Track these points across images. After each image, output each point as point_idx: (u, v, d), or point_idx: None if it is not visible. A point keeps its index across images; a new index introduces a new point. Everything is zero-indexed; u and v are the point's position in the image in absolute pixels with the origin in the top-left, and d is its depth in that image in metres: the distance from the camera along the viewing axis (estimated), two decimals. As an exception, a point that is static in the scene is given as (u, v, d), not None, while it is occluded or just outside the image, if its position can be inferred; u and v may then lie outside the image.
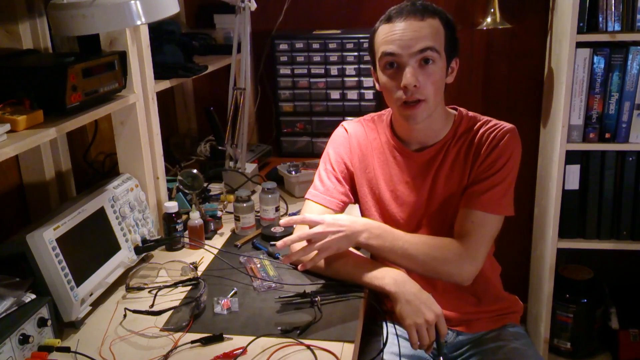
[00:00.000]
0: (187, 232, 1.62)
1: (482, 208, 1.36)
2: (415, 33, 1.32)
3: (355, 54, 2.25)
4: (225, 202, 1.84)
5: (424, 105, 1.35)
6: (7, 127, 1.11)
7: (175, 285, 1.40)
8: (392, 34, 1.34)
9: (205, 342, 1.17)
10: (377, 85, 1.45)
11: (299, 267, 1.35)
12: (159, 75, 1.68)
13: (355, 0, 2.42)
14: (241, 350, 1.14)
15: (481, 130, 1.42)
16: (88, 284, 1.27)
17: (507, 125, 1.42)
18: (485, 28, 2.26)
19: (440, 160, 1.43)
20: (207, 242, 1.63)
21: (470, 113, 1.48)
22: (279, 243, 1.32)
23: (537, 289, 2.37)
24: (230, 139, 1.96)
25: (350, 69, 2.28)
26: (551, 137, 2.19)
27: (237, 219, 1.67)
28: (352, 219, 1.36)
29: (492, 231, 1.37)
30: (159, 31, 1.81)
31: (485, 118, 1.45)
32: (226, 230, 1.72)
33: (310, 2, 2.44)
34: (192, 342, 1.18)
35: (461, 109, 1.48)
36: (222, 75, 2.24)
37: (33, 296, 1.17)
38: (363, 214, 1.54)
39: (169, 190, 1.75)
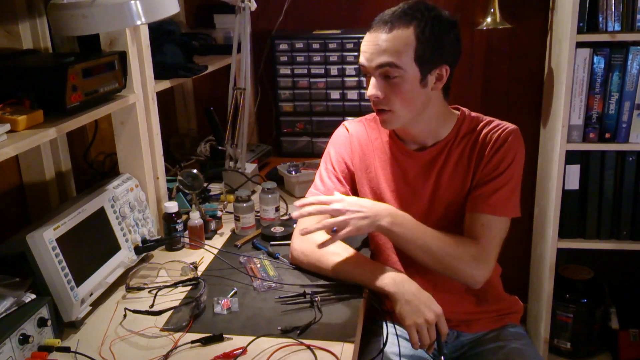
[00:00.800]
0: (187, 232, 1.62)
1: (490, 211, 1.36)
2: (376, 47, 1.32)
3: (355, 54, 2.25)
4: (225, 202, 1.84)
5: (391, 114, 1.36)
6: (7, 127, 1.11)
7: (175, 285, 1.40)
8: (363, 45, 1.36)
9: (205, 342, 1.17)
10: None
11: (318, 245, 1.30)
12: (159, 75, 1.68)
13: (355, 0, 2.42)
14: (241, 350, 1.14)
15: (484, 131, 1.42)
16: (88, 284, 1.27)
17: (510, 126, 1.41)
18: (485, 28, 2.26)
19: (444, 160, 1.43)
20: (207, 242, 1.63)
21: (473, 113, 1.47)
22: (294, 214, 1.29)
23: (537, 289, 2.37)
24: (230, 139, 1.96)
25: (350, 69, 2.28)
26: (551, 137, 2.19)
27: (237, 219, 1.67)
28: (374, 202, 1.35)
29: (501, 233, 1.38)
30: (159, 31, 1.81)
31: (488, 118, 1.45)
32: (226, 230, 1.72)
33: (310, 2, 2.44)
34: (192, 342, 1.18)
35: (464, 109, 1.48)
36: (222, 75, 2.24)
37: (33, 296, 1.17)
38: (363, 214, 1.54)
39: (169, 190, 1.75)
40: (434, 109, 1.41)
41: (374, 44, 1.33)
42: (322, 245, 1.31)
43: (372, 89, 1.34)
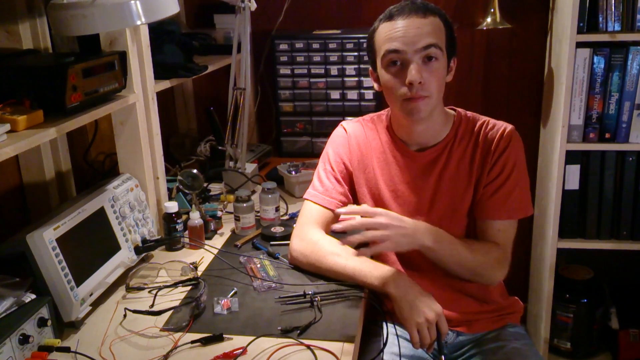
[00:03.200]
0: (187, 232, 1.62)
1: (506, 217, 1.40)
2: (419, 30, 1.32)
3: (355, 54, 2.25)
4: (225, 202, 1.84)
5: (428, 100, 1.35)
6: (7, 127, 1.11)
7: (175, 285, 1.40)
8: (395, 31, 1.33)
9: (205, 342, 1.17)
10: (375, 85, 1.45)
11: (358, 252, 1.29)
12: (159, 75, 1.68)
13: (355, 0, 2.42)
14: (241, 350, 1.14)
15: (483, 132, 1.43)
16: (88, 284, 1.27)
17: (508, 126, 1.43)
18: (485, 28, 2.26)
19: (445, 161, 1.43)
20: (207, 242, 1.63)
21: (469, 113, 1.48)
22: (336, 226, 1.27)
23: (537, 289, 2.37)
24: (230, 139, 1.96)
25: (350, 69, 2.28)
26: (551, 137, 2.19)
27: (237, 219, 1.67)
28: (414, 220, 1.34)
29: (514, 233, 1.43)
30: (159, 31, 1.81)
31: (484, 118, 1.46)
32: (226, 230, 1.72)
33: (310, 2, 2.44)
34: (192, 342, 1.18)
35: (459, 109, 1.48)
36: (222, 75, 2.24)
37: (33, 296, 1.17)
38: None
39: (169, 190, 1.75)
40: (441, 104, 1.42)
41: (414, 28, 1.32)
42: (361, 253, 1.28)
43: (416, 73, 1.31)
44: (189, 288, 1.39)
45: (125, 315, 1.28)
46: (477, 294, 1.49)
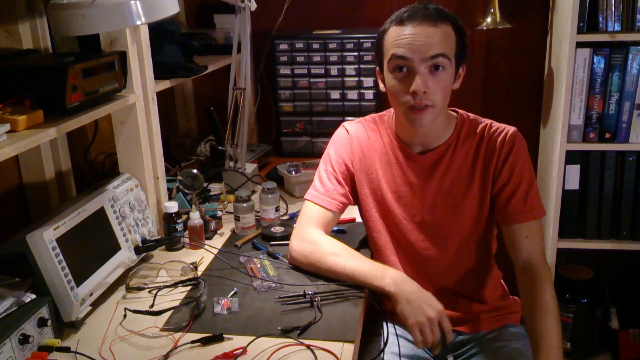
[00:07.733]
0: (187, 232, 1.62)
1: (531, 217, 1.38)
2: (428, 39, 1.30)
3: (355, 54, 2.25)
4: (225, 202, 1.84)
5: (431, 110, 1.34)
6: (7, 127, 1.11)
7: (175, 285, 1.40)
8: (403, 38, 1.32)
9: (205, 342, 1.17)
10: (381, 85, 1.44)
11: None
12: (159, 75, 1.68)
13: (355, 0, 2.42)
14: (241, 350, 1.14)
15: (486, 135, 1.42)
16: (88, 284, 1.27)
17: (511, 129, 1.42)
18: (485, 28, 2.26)
19: (447, 163, 1.43)
20: (207, 242, 1.63)
21: (471, 115, 1.47)
22: None
23: (537, 289, 2.36)
24: (230, 139, 1.96)
25: (350, 69, 2.28)
26: (551, 137, 2.19)
27: (237, 219, 1.67)
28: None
29: (542, 241, 1.41)
30: (159, 31, 1.81)
31: (486, 120, 1.45)
32: (226, 230, 1.72)
33: (310, 2, 2.44)
34: (192, 342, 1.18)
35: (461, 111, 1.48)
36: (222, 75, 2.24)
37: (33, 296, 1.17)
38: (363, 215, 1.54)
39: (169, 190, 1.75)
40: (445, 109, 1.42)
41: (423, 36, 1.31)
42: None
43: (421, 83, 1.30)
44: (189, 288, 1.39)
45: (125, 315, 1.28)
46: (477, 293, 1.49)
